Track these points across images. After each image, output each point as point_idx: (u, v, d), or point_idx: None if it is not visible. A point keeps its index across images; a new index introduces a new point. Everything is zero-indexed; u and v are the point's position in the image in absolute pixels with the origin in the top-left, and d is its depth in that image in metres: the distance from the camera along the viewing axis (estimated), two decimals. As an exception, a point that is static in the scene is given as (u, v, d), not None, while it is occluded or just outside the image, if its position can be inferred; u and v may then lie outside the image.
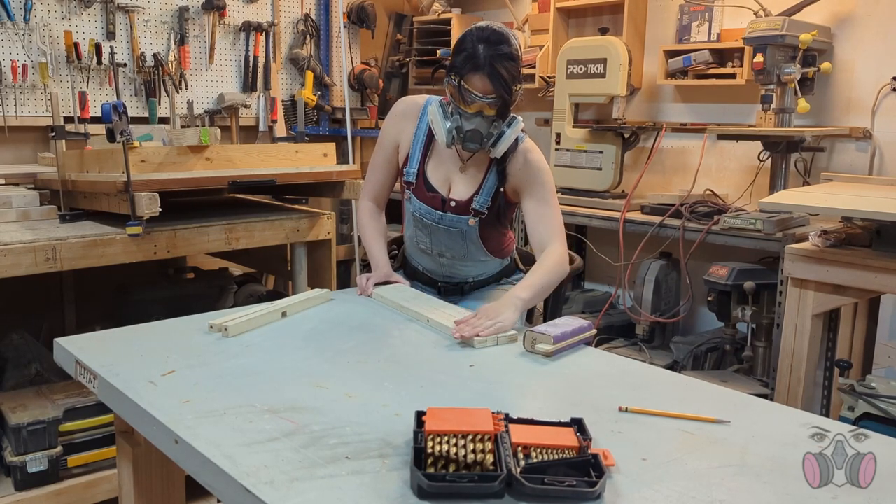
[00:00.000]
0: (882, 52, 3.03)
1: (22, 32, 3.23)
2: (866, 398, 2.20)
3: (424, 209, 2.04)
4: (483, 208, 2.00)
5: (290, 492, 0.99)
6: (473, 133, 1.86)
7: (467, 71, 1.81)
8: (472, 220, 2.01)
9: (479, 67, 1.80)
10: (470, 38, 1.83)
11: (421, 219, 2.06)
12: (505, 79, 1.81)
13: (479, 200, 2.00)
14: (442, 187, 2.03)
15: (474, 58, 1.80)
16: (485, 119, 1.86)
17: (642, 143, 3.62)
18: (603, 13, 3.92)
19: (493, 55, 1.79)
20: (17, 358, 2.73)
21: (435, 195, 2.03)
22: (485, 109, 1.84)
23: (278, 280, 3.88)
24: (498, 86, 1.81)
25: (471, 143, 1.88)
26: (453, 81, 1.85)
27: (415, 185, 2.05)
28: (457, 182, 2.03)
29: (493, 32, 1.82)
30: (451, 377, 1.44)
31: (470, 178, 2.02)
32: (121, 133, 2.21)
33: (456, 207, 2.01)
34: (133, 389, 1.33)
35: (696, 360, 3.27)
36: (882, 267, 2.32)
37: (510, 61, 1.82)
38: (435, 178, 2.04)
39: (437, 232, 2.06)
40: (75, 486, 2.41)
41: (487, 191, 2.00)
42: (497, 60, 1.79)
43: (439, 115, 1.90)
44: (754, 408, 1.35)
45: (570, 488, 0.99)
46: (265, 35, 4.00)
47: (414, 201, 2.06)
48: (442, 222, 2.03)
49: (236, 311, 1.76)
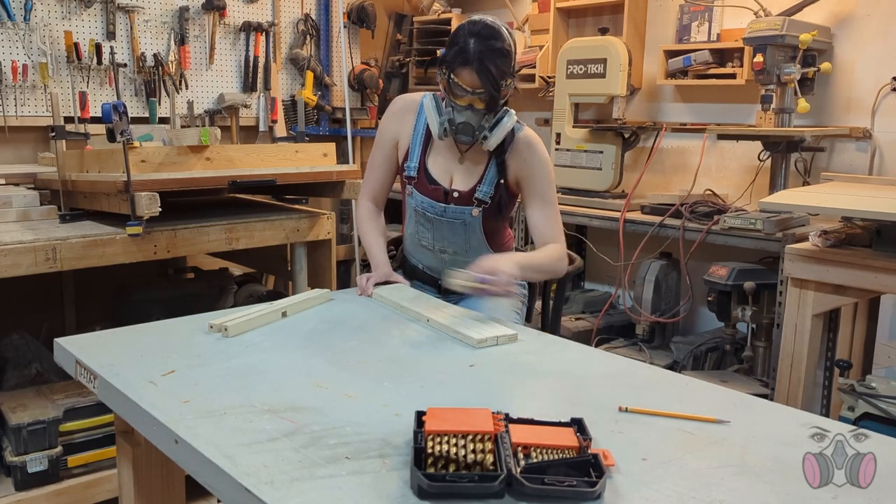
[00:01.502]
0: (882, 52, 3.03)
1: (22, 32, 3.23)
2: (866, 398, 2.20)
3: (427, 202, 2.04)
4: (486, 198, 2.01)
5: (290, 492, 0.99)
6: (465, 126, 1.88)
7: (457, 65, 1.83)
8: (476, 210, 2.02)
9: (467, 62, 1.81)
10: (462, 32, 1.84)
11: (423, 213, 2.06)
12: (493, 74, 1.81)
13: (482, 190, 2.01)
14: (444, 179, 2.04)
15: (464, 52, 1.81)
16: (476, 112, 1.87)
17: (642, 143, 3.62)
18: (603, 13, 3.92)
19: (483, 50, 1.80)
20: (17, 358, 2.73)
21: (437, 187, 2.04)
22: (475, 103, 1.86)
23: (278, 280, 3.88)
24: (486, 81, 1.82)
25: (462, 136, 1.91)
26: (444, 75, 1.87)
27: (416, 179, 2.05)
28: (458, 174, 2.04)
29: (485, 27, 1.83)
30: (451, 377, 1.44)
31: (471, 170, 2.03)
32: (121, 133, 2.21)
33: (459, 198, 2.02)
34: (133, 389, 1.33)
35: (696, 360, 3.27)
36: (882, 267, 2.32)
37: (500, 57, 1.82)
38: (436, 171, 2.05)
39: (440, 226, 2.06)
40: (75, 486, 2.41)
41: (489, 181, 2.01)
42: (486, 56, 1.80)
43: (433, 108, 1.93)
44: (754, 408, 1.35)
45: (570, 488, 0.99)
46: (265, 35, 4.00)
47: (416, 195, 2.06)
48: (445, 215, 2.04)
49: (236, 311, 1.76)
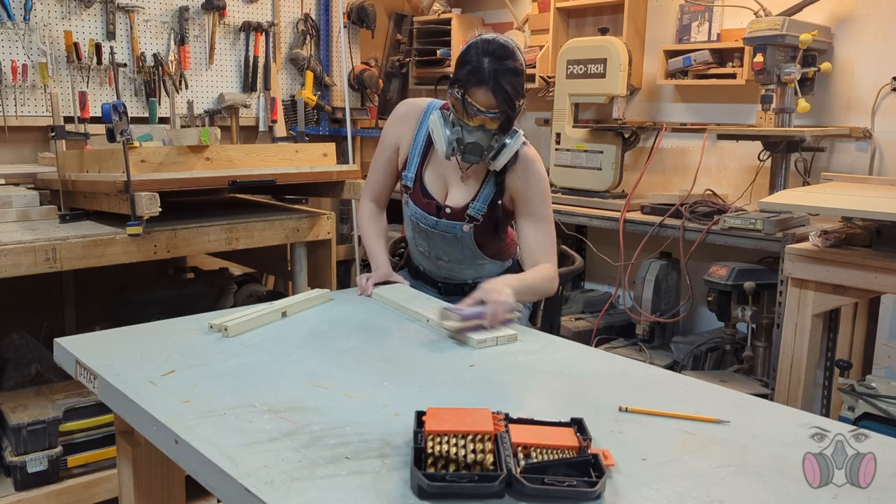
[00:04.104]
0: (882, 52, 3.03)
1: (22, 32, 3.23)
2: (866, 398, 2.20)
3: (420, 214, 2.03)
4: (478, 215, 1.98)
5: (290, 492, 0.99)
6: (474, 146, 1.83)
7: (471, 85, 1.77)
8: (467, 226, 1.99)
9: (483, 82, 1.76)
10: (475, 50, 1.78)
11: (417, 223, 2.05)
12: (509, 94, 1.77)
13: (475, 207, 1.98)
14: (438, 194, 2.02)
15: (479, 72, 1.76)
16: (486, 133, 1.82)
17: (642, 143, 3.62)
18: (603, 13, 3.92)
19: (498, 70, 1.75)
20: (17, 358, 2.73)
21: (430, 201, 2.01)
22: (487, 123, 1.81)
23: (278, 280, 3.88)
24: (501, 101, 1.77)
25: (470, 156, 1.85)
26: (457, 94, 1.80)
27: (412, 191, 2.04)
28: (454, 189, 2.01)
29: (499, 46, 1.78)
30: (451, 377, 1.44)
31: (466, 186, 2.00)
32: (121, 133, 2.21)
33: (451, 214, 2.00)
34: (133, 389, 1.33)
35: (696, 360, 3.27)
36: (882, 267, 2.32)
37: (515, 76, 1.77)
38: (432, 185, 2.02)
39: (433, 237, 2.05)
40: (75, 486, 2.41)
41: (484, 199, 1.98)
42: (502, 75, 1.75)
43: (440, 125, 1.86)
44: (754, 408, 1.35)
45: (570, 488, 0.99)
46: (265, 35, 4.00)
47: (411, 205, 2.05)
48: (437, 228, 2.02)
49: (236, 311, 1.76)
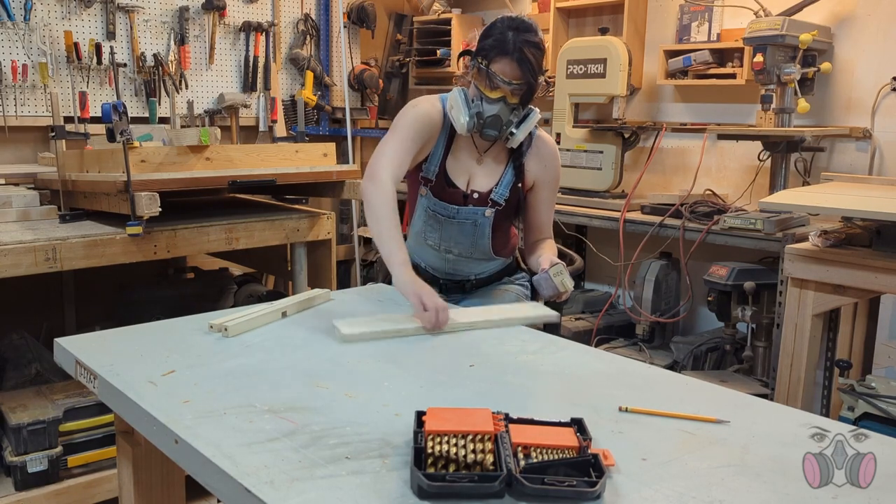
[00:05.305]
0: (882, 52, 3.03)
1: (22, 32, 3.23)
2: (866, 398, 2.20)
3: (440, 205, 2.04)
4: (501, 200, 2.03)
5: (290, 492, 0.99)
6: (494, 119, 1.88)
7: (495, 55, 1.83)
8: (489, 211, 2.02)
9: (507, 52, 1.82)
10: (500, 24, 1.86)
11: (435, 214, 2.06)
12: (533, 65, 1.83)
13: (498, 192, 2.03)
14: (462, 181, 2.04)
15: (504, 42, 1.82)
16: (507, 105, 1.87)
17: (642, 143, 3.62)
18: (603, 13, 3.92)
19: (523, 41, 1.82)
20: (17, 358, 2.73)
21: (456, 190, 2.04)
22: (508, 96, 1.86)
23: (278, 280, 3.88)
24: (526, 71, 1.83)
25: (490, 130, 1.89)
26: (480, 65, 1.85)
27: (433, 182, 2.05)
28: (476, 175, 2.05)
29: (522, 22, 1.85)
30: (451, 377, 1.44)
31: (489, 171, 2.04)
32: (121, 133, 2.21)
33: (477, 199, 2.03)
34: (133, 389, 1.33)
35: (696, 360, 3.27)
36: (882, 267, 2.32)
37: (538, 50, 1.85)
38: (455, 174, 2.05)
39: (449, 226, 2.06)
40: (75, 486, 2.41)
41: (506, 184, 2.03)
42: (526, 46, 1.82)
43: (461, 102, 1.90)
44: (754, 408, 1.35)
45: (570, 488, 0.99)
46: (265, 35, 4.00)
47: (430, 197, 2.06)
48: (458, 216, 2.04)
49: (236, 311, 1.76)
